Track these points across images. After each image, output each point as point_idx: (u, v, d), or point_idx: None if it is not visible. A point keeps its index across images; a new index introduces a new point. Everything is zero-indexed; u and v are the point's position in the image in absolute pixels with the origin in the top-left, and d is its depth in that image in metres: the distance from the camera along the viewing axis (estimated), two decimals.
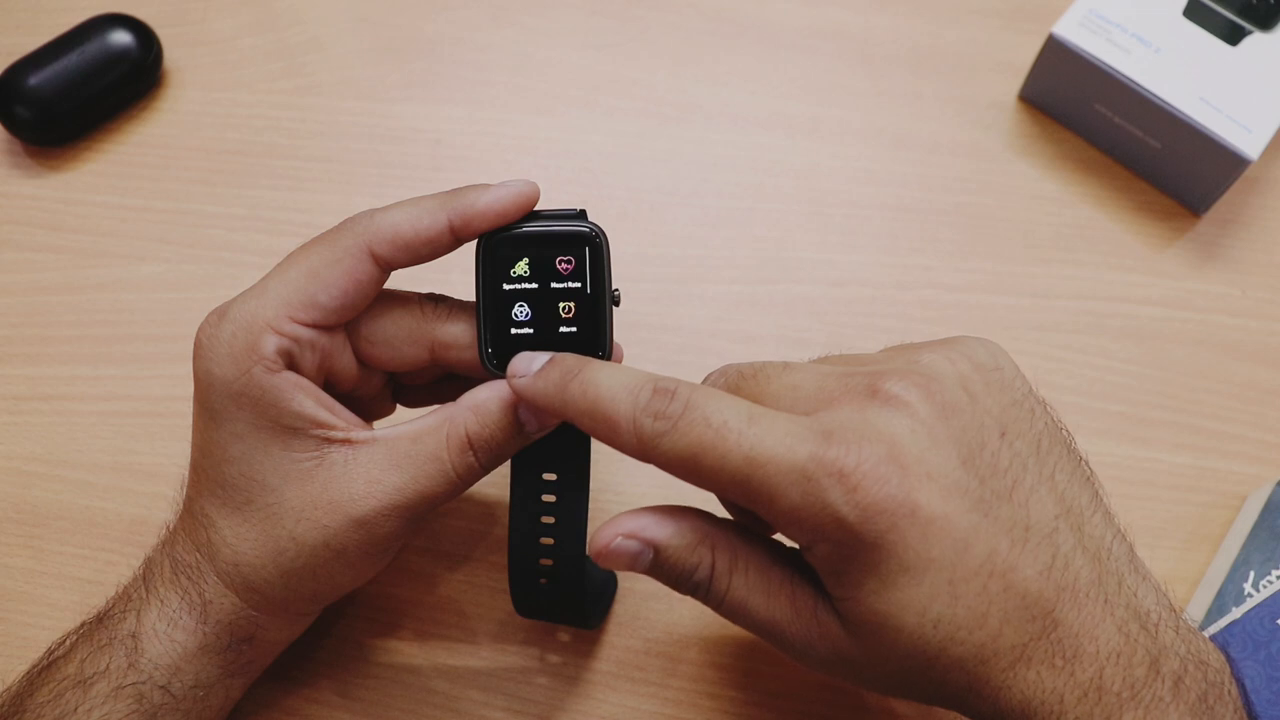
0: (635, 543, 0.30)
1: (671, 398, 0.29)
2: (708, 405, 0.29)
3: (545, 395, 0.31)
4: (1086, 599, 0.28)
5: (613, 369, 0.31)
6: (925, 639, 0.27)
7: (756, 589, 0.30)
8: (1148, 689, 0.27)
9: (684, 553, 0.30)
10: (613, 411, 0.29)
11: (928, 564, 0.27)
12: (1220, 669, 0.29)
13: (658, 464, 0.29)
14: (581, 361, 0.31)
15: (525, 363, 0.32)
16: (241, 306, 0.32)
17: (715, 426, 0.28)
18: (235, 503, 0.33)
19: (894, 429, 0.28)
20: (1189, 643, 0.29)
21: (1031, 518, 0.28)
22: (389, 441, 0.33)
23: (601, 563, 0.31)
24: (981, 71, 0.54)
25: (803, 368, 0.31)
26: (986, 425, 0.29)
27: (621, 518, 0.31)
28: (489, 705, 0.41)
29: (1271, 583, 0.40)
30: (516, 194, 0.33)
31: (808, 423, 0.28)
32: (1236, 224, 0.50)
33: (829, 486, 0.27)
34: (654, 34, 0.55)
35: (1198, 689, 0.28)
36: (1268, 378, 0.47)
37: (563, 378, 0.31)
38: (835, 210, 0.51)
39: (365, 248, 0.33)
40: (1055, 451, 0.30)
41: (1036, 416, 0.30)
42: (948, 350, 0.30)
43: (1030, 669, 0.27)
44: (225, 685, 0.36)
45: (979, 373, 0.30)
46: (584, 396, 0.30)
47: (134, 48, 0.52)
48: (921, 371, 0.29)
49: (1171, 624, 0.29)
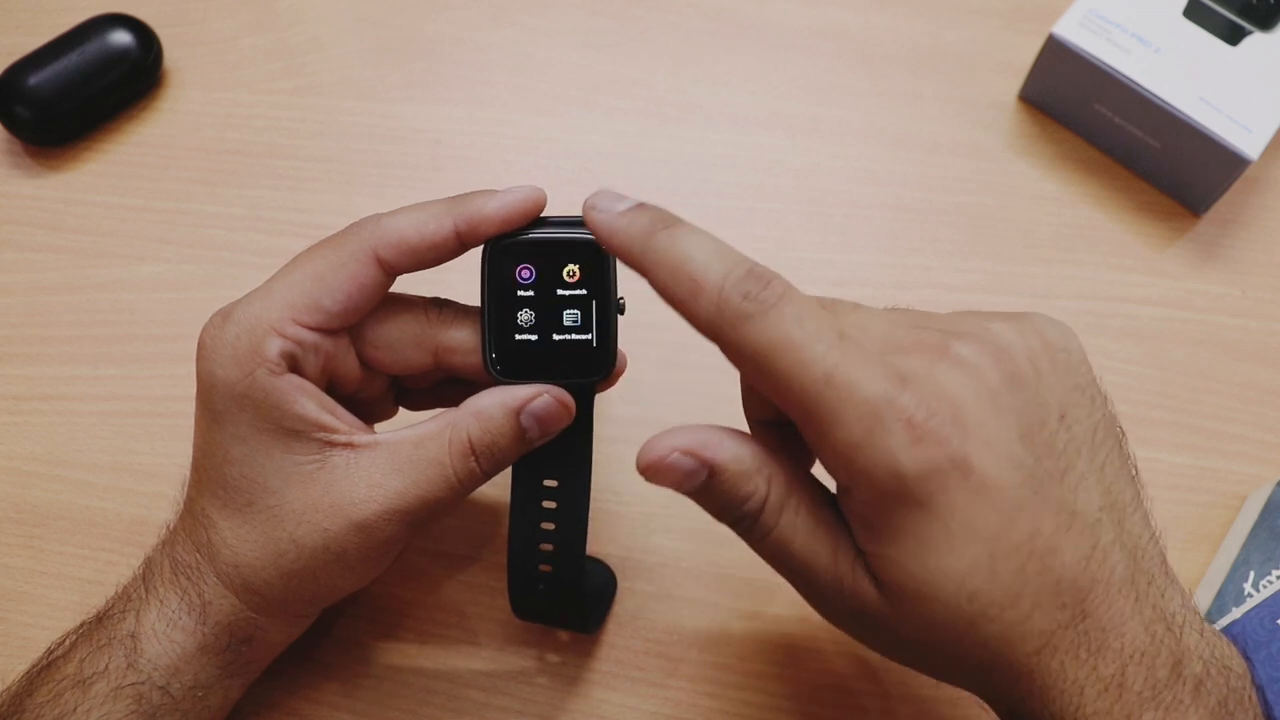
0: (692, 461, 0.29)
1: (767, 284, 0.27)
2: (803, 307, 0.27)
3: (626, 237, 0.29)
4: (1118, 594, 0.27)
5: (708, 235, 0.29)
6: (959, 611, 0.27)
7: (802, 529, 0.29)
8: (1169, 690, 0.27)
9: (741, 479, 0.29)
10: (701, 275, 0.28)
11: (972, 532, 0.27)
12: (1242, 674, 0.29)
13: (730, 347, 0.28)
14: (674, 216, 0.29)
15: (609, 199, 0.30)
16: (246, 308, 0.32)
17: (806, 331, 0.27)
18: (236, 504, 0.33)
19: (961, 391, 0.27)
20: (1213, 646, 0.28)
21: (1079, 504, 0.28)
22: (391, 445, 0.33)
23: (649, 477, 0.29)
24: (981, 71, 0.54)
25: (873, 311, 0.30)
26: (1049, 404, 0.28)
27: (675, 432, 0.29)
28: (489, 705, 0.41)
29: (1271, 583, 0.40)
30: (523, 200, 0.33)
31: (887, 362, 0.27)
32: (1236, 224, 0.50)
33: (895, 431, 0.26)
34: (654, 34, 0.55)
35: (1219, 694, 0.28)
36: (1268, 378, 0.47)
37: (651, 224, 0.29)
38: (835, 210, 0.51)
39: (370, 252, 0.32)
40: (1108, 444, 0.29)
41: (1096, 406, 0.29)
42: (1020, 324, 0.29)
43: (1055, 657, 0.27)
44: (224, 686, 0.36)
45: (1048, 351, 0.29)
46: (671, 250, 0.28)
47: (134, 48, 0.52)
48: (993, 340, 0.28)
49: (1196, 627, 0.28)
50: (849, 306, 0.30)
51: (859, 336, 0.28)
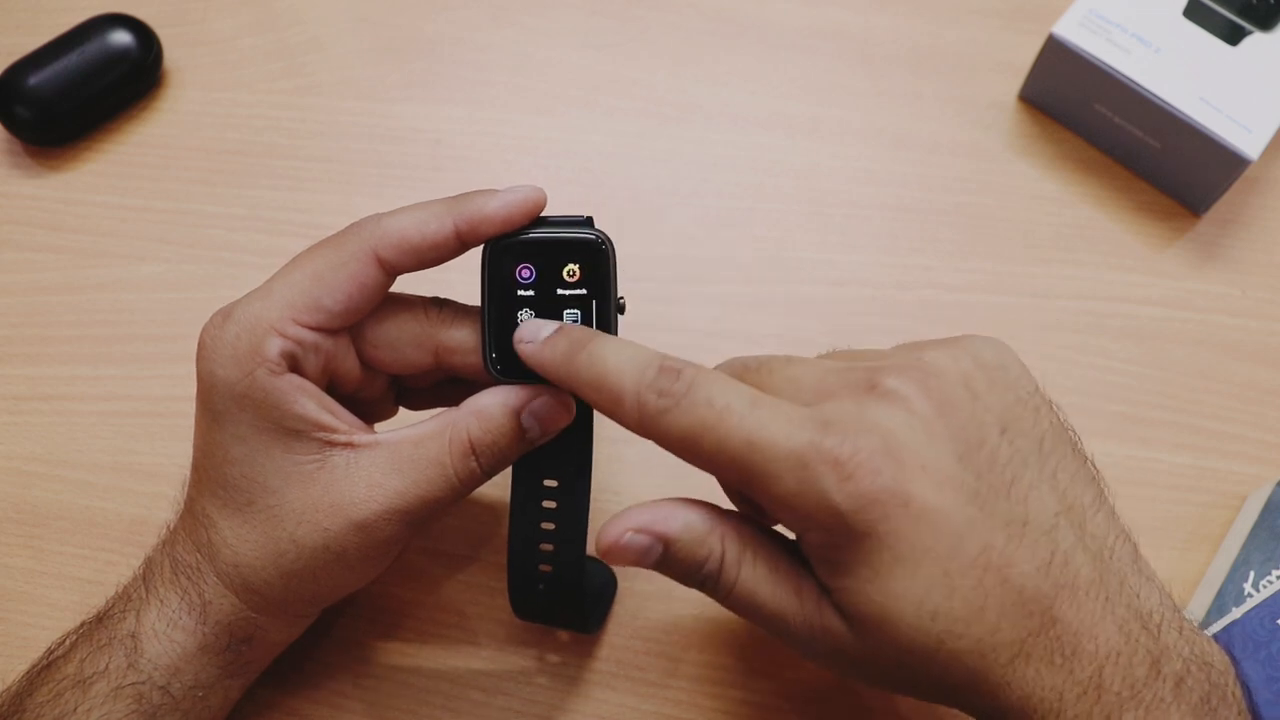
0: (645, 537, 0.30)
1: (677, 376, 0.29)
2: (712, 387, 0.29)
3: (552, 363, 0.31)
4: (1086, 597, 0.28)
5: (620, 343, 0.31)
6: (924, 630, 0.28)
7: (764, 580, 0.30)
8: (1148, 689, 0.27)
9: (694, 545, 0.30)
10: (618, 385, 0.30)
11: (922, 555, 0.27)
12: (1224, 670, 0.29)
13: (658, 441, 0.30)
14: (590, 333, 0.31)
15: (534, 329, 0.32)
16: (246, 308, 0.32)
17: (718, 408, 0.28)
18: (236, 504, 0.33)
19: (890, 422, 0.28)
20: (1192, 644, 0.29)
21: (1030, 514, 0.28)
22: (391, 445, 0.33)
23: (609, 559, 0.31)
24: (981, 71, 0.54)
25: (806, 362, 0.32)
26: (986, 422, 0.29)
27: (629, 513, 0.31)
28: (489, 705, 0.41)
29: (1271, 583, 0.40)
30: (523, 200, 0.33)
31: (807, 412, 0.29)
32: (1236, 224, 0.50)
33: (824, 474, 0.27)
34: (654, 34, 0.55)
35: (1200, 690, 0.28)
36: (1268, 378, 0.47)
37: (570, 348, 0.31)
38: (835, 210, 0.51)
39: (371, 252, 0.32)
40: (1059, 450, 0.30)
41: (1041, 415, 0.30)
42: (952, 348, 0.30)
43: (1029, 665, 0.27)
44: (224, 686, 0.36)
45: (982, 371, 0.30)
46: (590, 368, 0.30)
47: (134, 48, 0.52)
48: (922, 367, 0.29)
49: (1175, 625, 0.29)
50: (781, 363, 0.32)
51: (790, 391, 0.30)
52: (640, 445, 0.45)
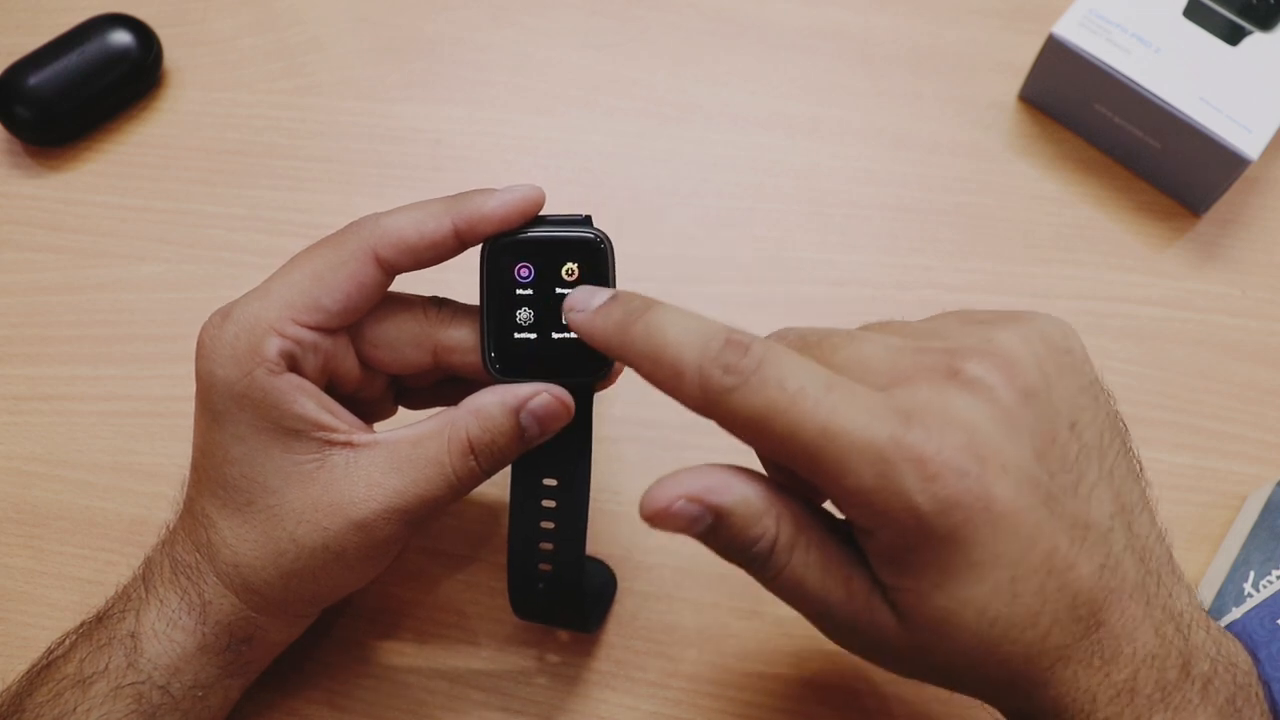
0: (697, 507, 0.28)
1: (745, 351, 0.27)
2: (785, 365, 0.27)
3: (604, 334, 0.29)
4: (1131, 601, 0.27)
5: (681, 312, 0.29)
6: (981, 637, 0.27)
7: (814, 567, 0.28)
8: (1178, 691, 0.27)
9: (749, 521, 0.28)
10: (678, 357, 0.27)
11: (994, 561, 0.26)
12: (1248, 671, 0.29)
13: (721, 420, 0.28)
14: (647, 301, 0.29)
15: (585, 296, 0.30)
16: (245, 308, 0.32)
17: (791, 390, 0.26)
18: (236, 504, 0.33)
19: (975, 415, 0.26)
20: (1219, 644, 0.28)
21: (1092, 515, 0.27)
22: (390, 444, 0.33)
23: (654, 524, 0.28)
24: (981, 71, 0.54)
25: (872, 339, 0.29)
26: (1060, 414, 0.28)
27: (681, 476, 0.28)
28: (489, 705, 0.41)
29: (1271, 583, 0.40)
30: (522, 199, 0.33)
31: (886, 400, 0.27)
32: (1236, 224, 0.50)
33: (906, 473, 0.25)
34: (654, 34, 0.55)
35: (1226, 691, 0.28)
36: (1268, 378, 0.47)
37: (626, 316, 0.29)
38: (835, 210, 0.51)
39: (370, 251, 0.32)
40: (1115, 446, 0.29)
41: (1100, 405, 0.29)
42: (1022, 328, 0.28)
43: (1068, 668, 0.27)
44: (224, 686, 0.36)
45: (1053, 356, 0.28)
46: (648, 338, 0.28)
47: (134, 48, 0.52)
48: (1000, 353, 0.28)
49: (1202, 625, 0.28)
50: (844, 339, 0.30)
51: (858, 372, 0.28)
52: (640, 444, 0.45)
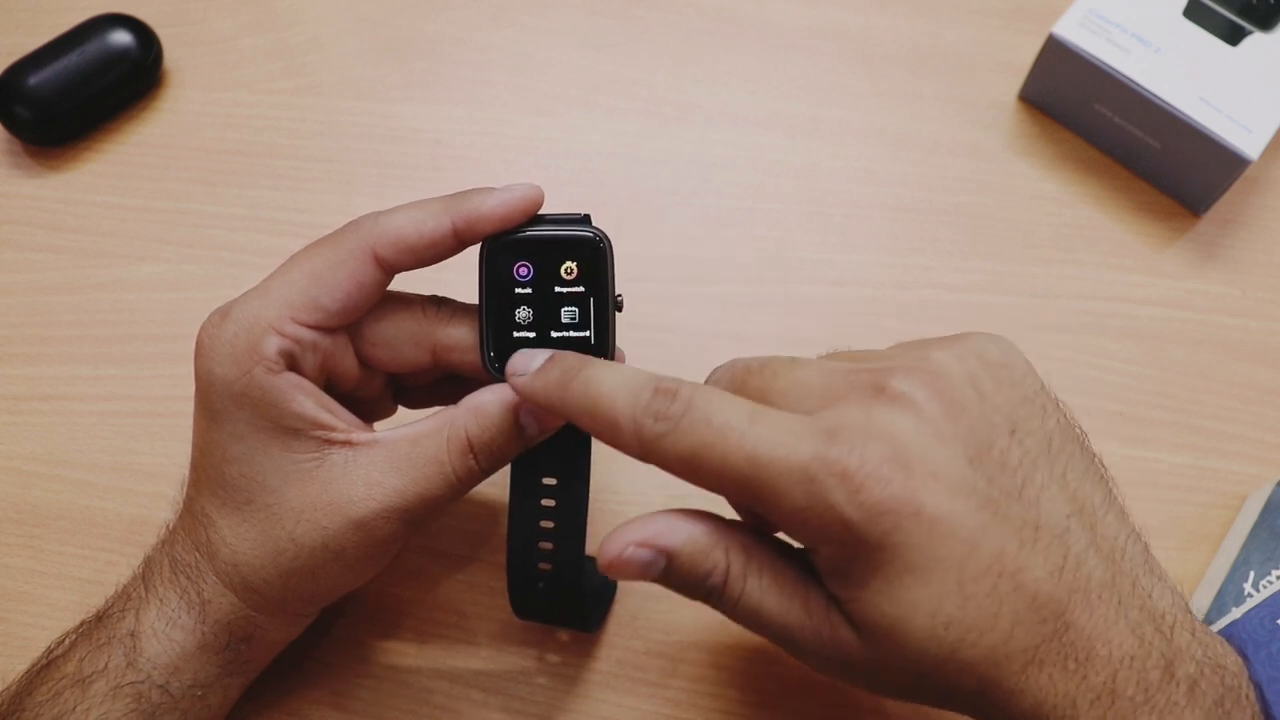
0: (648, 551, 0.30)
1: (673, 398, 0.29)
2: (709, 405, 0.28)
3: (545, 394, 0.31)
4: (1099, 600, 0.27)
5: (613, 368, 0.30)
6: (937, 640, 0.27)
7: (770, 591, 0.30)
8: (1162, 693, 0.27)
9: (698, 558, 0.30)
10: (613, 411, 0.29)
11: (934, 564, 0.27)
12: (1238, 673, 0.28)
13: (659, 465, 0.29)
14: (582, 360, 0.31)
15: (525, 360, 0.32)
16: (244, 307, 0.32)
17: (716, 427, 0.28)
18: (235, 503, 0.33)
19: (899, 427, 0.27)
20: (1205, 646, 0.28)
21: (1042, 517, 0.28)
22: (389, 443, 0.33)
23: (611, 574, 0.30)
24: (981, 71, 0.54)
25: (809, 364, 0.31)
26: (995, 423, 0.28)
27: (630, 526, 0.30)
28: (488, 706, 0.41)
29: (1271, 583, 0.40)
30: (521, 198, 0.33)
31: (811, 422, 0.28)
32: (1236, 224, 0.50)
33: (833, 487, 0.27)
34: (654, 34, 0.55)
35: (1214, 693, 0.27)
36: (1268, 378, 0.47)
37: (563, 376, 0.30)
38: (835, 210, 0.51)
39: (369, 250, 0.33)
40: (1067, 450, 0.29)
41: (1048, 414, 0.29)
42: (957, 347, 0.30)
43: (1042, 672, 0.27)
44: (224, 685, 0.36)
45: (988, 370, 0.29)
46: (584, 395, 0.30)
47: (134, 48, 0.52)
48: (929, 369, 0.29)
49: (1187, 626, 0.28)
50: (783, 365, 0.31)
51: (796, 395, 0.29)
52: None
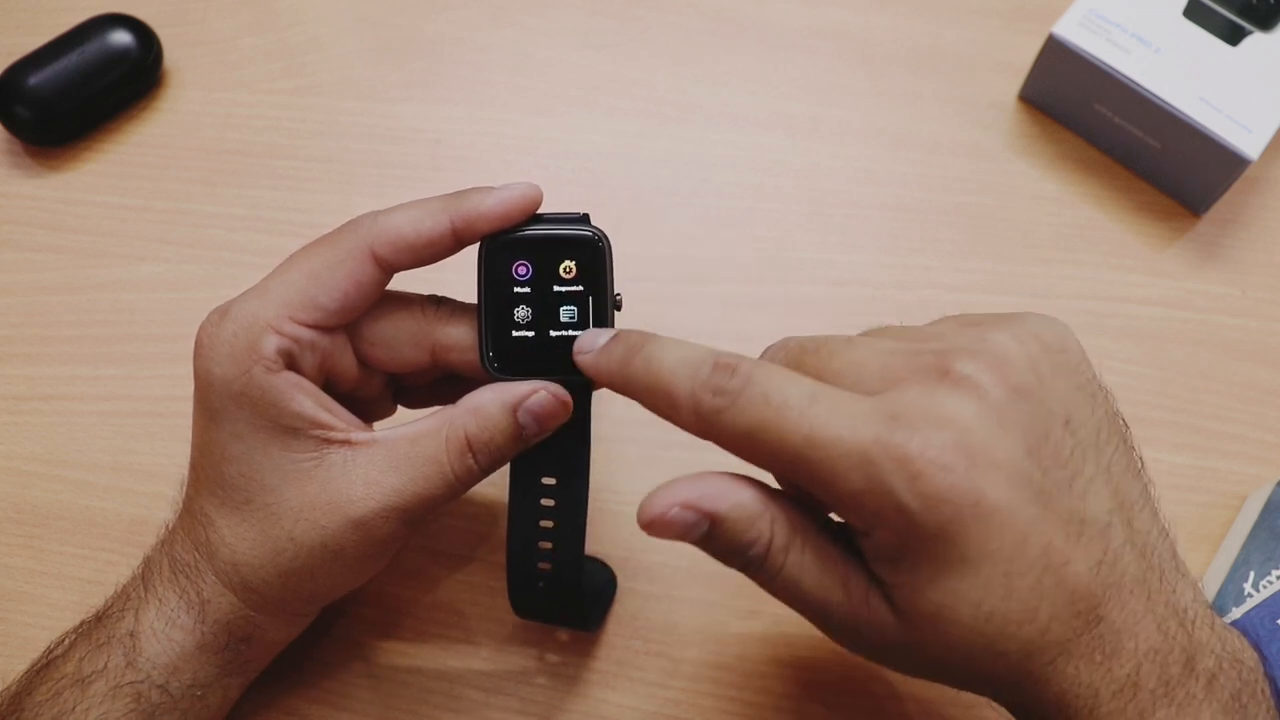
0: (693, 514, 0.29)
1: (732, 373, 0.28)
2: (769, 382, 0.28)
3: (609, 371, 0.31)
4: (1131, 596, 0.27)
5: (675, 344, 0.30)
6: (979, 632, 0.27)
7: (811, 567, 0.29)
8: (1181, 687, 0.27)
9: (743, 525, 0.29)
10: (672, 387, 0.29)
11: (986, 556, 0.26)
12: (1254, 668, 0.29)
13: (717, 440, 0.29)
14: (644, 336, 0.31)
15: (591, 339, 0.32)
16: (243, 306, 0.32)
17: (776, 405, 0.27)
18: (234, 502, 0.33)
19: (963, 413, 0.27)
20: (1224, 640, 0.28)
21: (1088, 511, 0.28)
22: (388, 443, 0.33)
23: (651, 532, 0.29)
24: (981, 71, 0.54)
25: (867, 343, 0.30)
26: (1053, 412, 0.28)
27: (677, 485, 0.29)
28: (488, 705, 0.41)
29: (1271, 583, 0.40)
30: (520, 197, 0.33)
31: (873, 403, 0.27)
32: (1236, 224, 0.50)
33: (892, 472, 0.26)
34: (654, 34, 0.55)
35: (1231, 687, 0.28)
36: (1268, 378, 0.47)
37: (626, 354, 0.31)
38: (835, 210, 0.51)
39: (367, 249, 0.33)
40: (1113, 442, 0.29)
41: (1097, 403, 0.29)
42: (1016, 328, 0.29)
43: (1070, 663, 0.27)
44: (223, 685, 0.36)
45: (1047, 355, 0.29)
46: (646, 372, 0.30)
47: (134, 48, 0.52)
48: (992, 352, 0.28)
49: (1207, 621, 0.28)
50: (840, 345, 0.30)
51: (853, 377, 0.29)
52: (640, 444, 0.45)
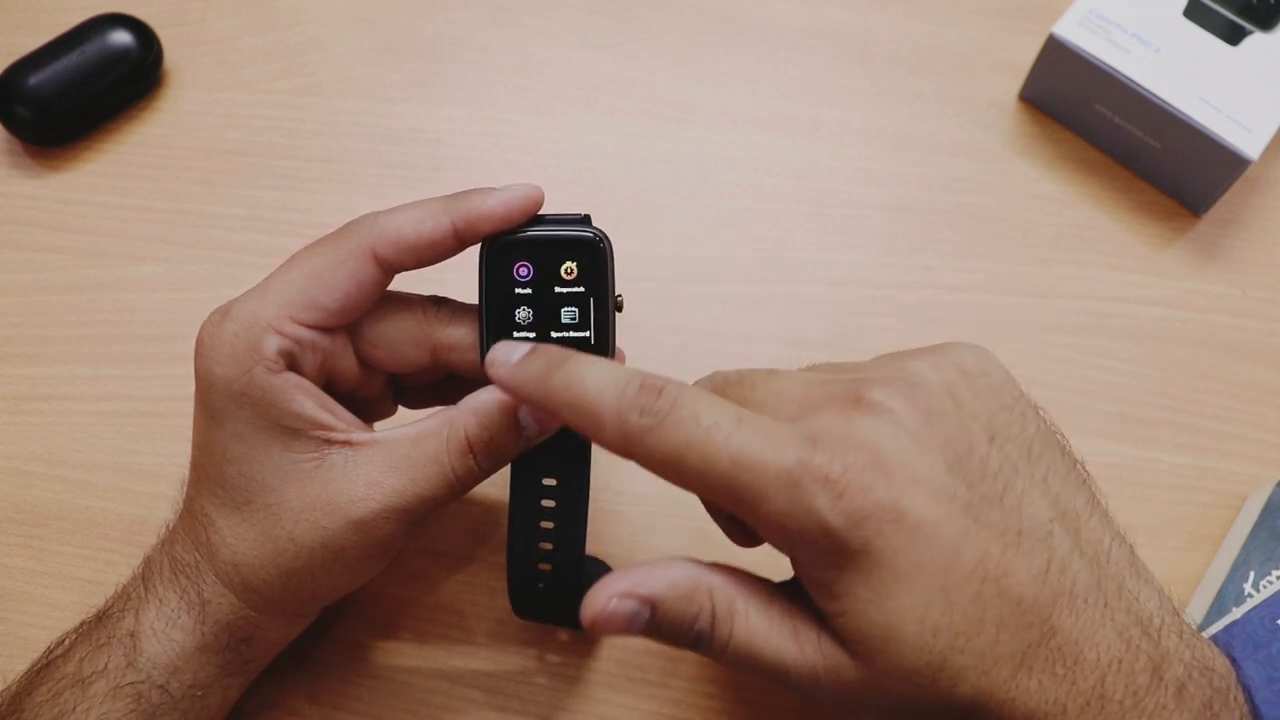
0: (631, 602, 0.29)
1: (659, 394, 0.28)
2: (696, 404, 0.28)
3: (526, 385, 0.30)
4: (1085, 604, 0.27)
5: (598, 362, 0.30)
6: (927, 648, 0.27)
7: (759, 628, 0.29)
8: (1150, 696, 0.27)
9: (681, 603, 0.29)
10: (597, 405, 0.28)
11: (919, 570, 0.27)
12: (1226, 675, 0.28)
13: (641, 462, 0.29)
14: (565, 353, 0.30)
15: (506, 352, 0.30)
16: (244, 306, 0.32)
17: (704, 426, 0.27)
18: (235, 502, 0.33)
19: (878, 436, 0.28)
20: (1193, 648, 0.28)
21: (1024, 522, 0.28)
22: (389, 444, 0.33)
23: (597, 632, 0.30)
24: (981, 71, 0.54)
25: (788, 375, 0.31)
26: (974, 430, 0.29)
27: (609, 580, 0.29)
28: (489, 705, 0.41)
29: (1271, 583, 0.40)
30: (521, 198, 0.33)
31: (793, 428, 0.28)
32: (1236, 224, 0.50)
33: (816, 492, 0.27)
34: (654, 34, 0.55)
35: (1202, 696, 0.27)
36: (1268, 378, 0.47)
37: (546, 368, 0.29)
38: (835, 210, 0.51)
39: (368, 250, 0.33)
40: (1048, 455, 0.29)
41: (1028, 421, 0.30)
42: (934, 357, 0.30)
43: (1032, 678, 0.27)
44: (223, 685, 0.36)
45: (965, 379, 0.29)
46: (567, 388, 0.29)
47: (134, 48, 0.52)
48: (906, 379, 0.29)
49: (1175, 629, 0.28)
50: (762, 376, 0.31)
51: (773, 405, 0.30)
52: None
